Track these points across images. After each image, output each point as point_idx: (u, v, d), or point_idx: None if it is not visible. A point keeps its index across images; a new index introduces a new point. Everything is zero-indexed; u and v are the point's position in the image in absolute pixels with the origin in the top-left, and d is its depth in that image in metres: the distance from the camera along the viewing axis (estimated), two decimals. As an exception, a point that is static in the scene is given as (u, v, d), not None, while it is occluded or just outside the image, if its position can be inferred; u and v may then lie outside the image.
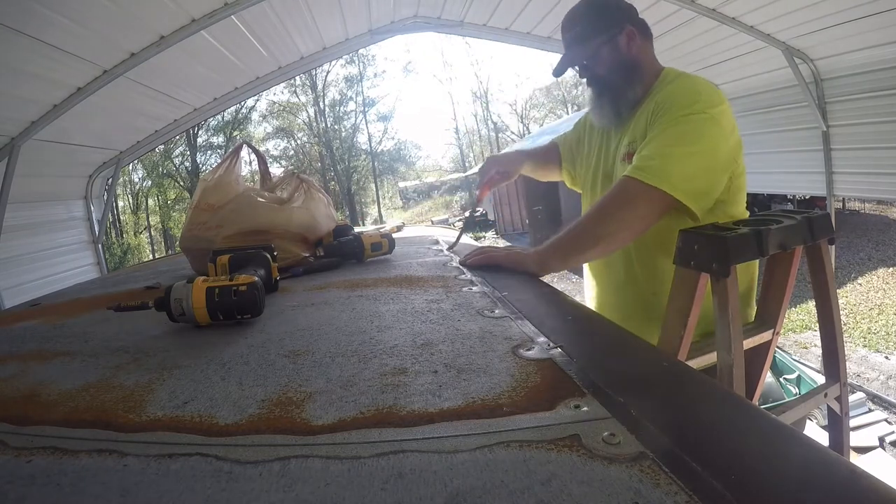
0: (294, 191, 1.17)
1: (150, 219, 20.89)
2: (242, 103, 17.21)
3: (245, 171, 1.39)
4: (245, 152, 1.34)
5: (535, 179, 1.48)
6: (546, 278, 0.93)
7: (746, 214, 1.00)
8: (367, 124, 24.30)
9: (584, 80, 1.11)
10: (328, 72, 22.34)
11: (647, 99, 1.02)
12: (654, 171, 0.88)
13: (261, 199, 1.10)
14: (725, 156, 0.93)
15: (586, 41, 1.06)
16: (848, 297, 6.88)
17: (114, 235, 17.67)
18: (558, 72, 1.12)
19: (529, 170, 1.42)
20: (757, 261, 0.94)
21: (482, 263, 0.96)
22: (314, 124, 23.31)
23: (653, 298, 1.02)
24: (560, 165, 1.36)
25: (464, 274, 0.89)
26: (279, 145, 22.99)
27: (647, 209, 0.90)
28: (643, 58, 1.06)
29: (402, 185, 27.51)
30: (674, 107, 0.94)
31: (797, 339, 6.01)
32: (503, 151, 1.42)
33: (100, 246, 4.44)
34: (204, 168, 19.71)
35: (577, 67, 1.10)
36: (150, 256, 17.71)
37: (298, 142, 23.37)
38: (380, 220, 21.60)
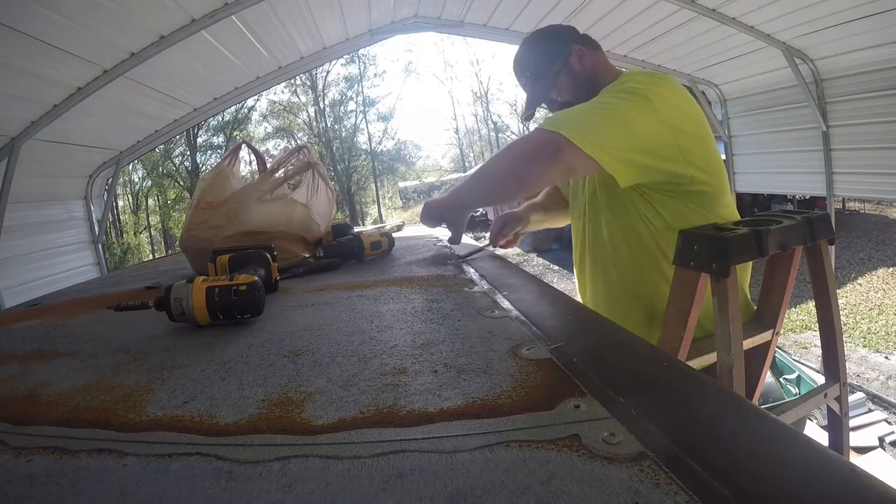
0: (298, 173, 1.21)
1: (150, 219, 20.88)
2: (242, 103, 17.22)
3: (245, 170, 1.39)
4: (245, 152, 1.34)
5: None
6: (546, 278, 0.94)
7: (735, 214, 0.99)
8: (367, 124, 24.33)
9: (548, 108, 1.12)
10: (328, 72, 22.37)
11: None
12: (558, 121, 0.88)
13: (258, 198, 1.09)
14: (649, 127, 0.87)
15: (542, 78, 1.06)
16: (848, 297, 6.88)
17: (114, 235, 17.67)
18: (528, 116, 1.14)
19: (539, 221, 1.42)
20: (749, 263, 0.93)
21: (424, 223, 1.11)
22: (314, 124, 23.32)
23: (650, 310, 1.01)
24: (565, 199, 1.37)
25: (464, 274, 0.89)
26: (279, 145, 22.97)
27: (537, 151, 0.87)
28: (599, 69, 1.06)
29: (402, 185, 27.51)
30: (600, 93, 0.95)
31: (797, 339, 6.01)
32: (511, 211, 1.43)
33: (100, 246, 4.44)
34: (204, 168, 19.73)
35: (544, 105, 1.11)
36: (150, 256, 17.71)
37: (299, 142, 23.36)
38: (380, 219, 21.60)
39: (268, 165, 1.26)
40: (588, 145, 0.83)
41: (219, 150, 20.20)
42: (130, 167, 16.55)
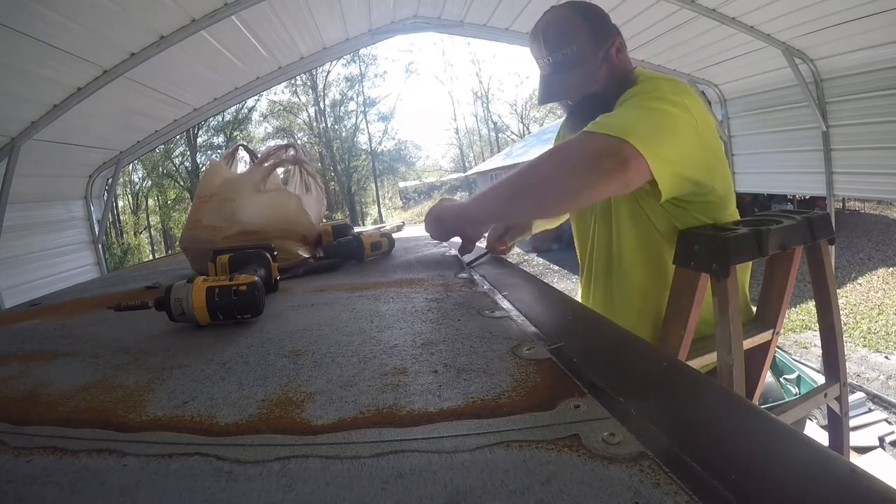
0: (287, 163, 1.20)
1: (150, 219, 20.91)
2: (242, 103, 17.24)
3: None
4: (244, 153, 1.34)
5: None
6: (546, 278, 0.93)
7: (736, 215, 0.97)
8: (367, 124, 24.38)
9: (570, 101, 0.99)
10: (328, 72, 22.41)
11: None
12: (615, 125, 0.76)
13: (253, 188, 1.09)
14: (691, 139, 0.81)
15: (586, 63, 0.92)
16: (848, 297, 6.88)
17: (114, 235, 17.69)
18: (547, 99, 0.98)
19: (541, 224, 1.28)
20: (749, 264, 0.93)
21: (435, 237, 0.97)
22: (314, 124, 23.36)
23: (639, 316, 1.00)
24: None
25: (464, 274, 0.89)
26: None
27: (600, 161, 0.74)
28: (629, 66, 0.98)
29: (402, 185, 27.54)
30: (637, 95, 0.85)
31: (797, 339, 6.01)
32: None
33: (100, 246, 4.45)
34: (203, 168, 19.73)
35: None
36: (150, 256, 17.72)
37: (299, 142, 23.36)
38: (380, 220, 21.60)
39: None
40: (654, 157, 0.74)
41: (219, 150, 20.25)
42: (130, 167, 16.57)
